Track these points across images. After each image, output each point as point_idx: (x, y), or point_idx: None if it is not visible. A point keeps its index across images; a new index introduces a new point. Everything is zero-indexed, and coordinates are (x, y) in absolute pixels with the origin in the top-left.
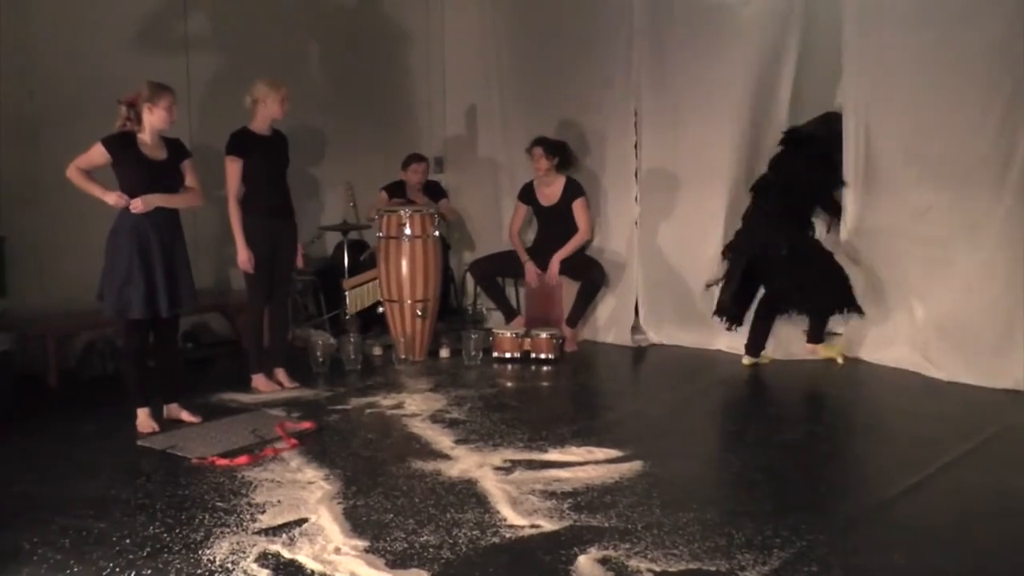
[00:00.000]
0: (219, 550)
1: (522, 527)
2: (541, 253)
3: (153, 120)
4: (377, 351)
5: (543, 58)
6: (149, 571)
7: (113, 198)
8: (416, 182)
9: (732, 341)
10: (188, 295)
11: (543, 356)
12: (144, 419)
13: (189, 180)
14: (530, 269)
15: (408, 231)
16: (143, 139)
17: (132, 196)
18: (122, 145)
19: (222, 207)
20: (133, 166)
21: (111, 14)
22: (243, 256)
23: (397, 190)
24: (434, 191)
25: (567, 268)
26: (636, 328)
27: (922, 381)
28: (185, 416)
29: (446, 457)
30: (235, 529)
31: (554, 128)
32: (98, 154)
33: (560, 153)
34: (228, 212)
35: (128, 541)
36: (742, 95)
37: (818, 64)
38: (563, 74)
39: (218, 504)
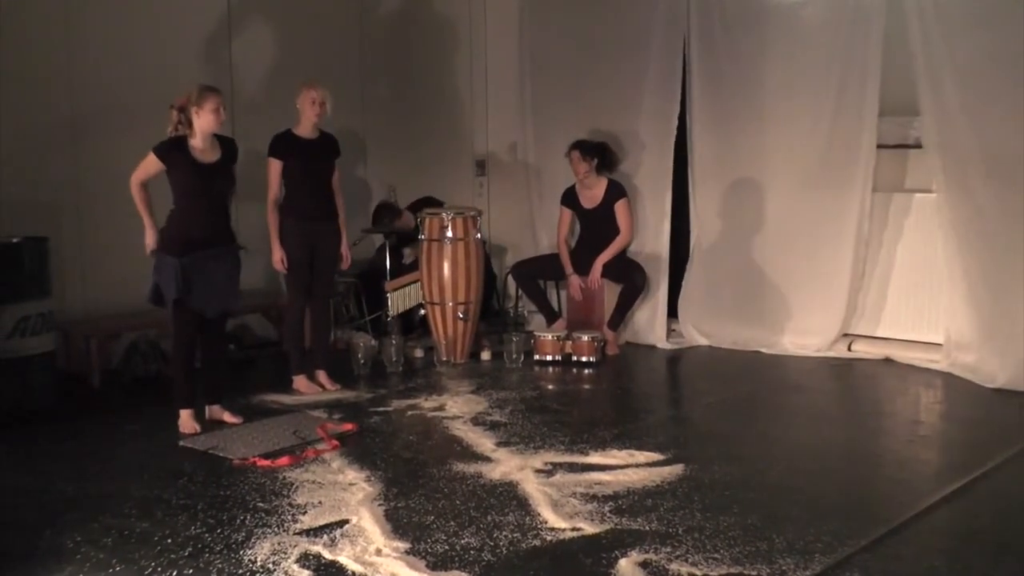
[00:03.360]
0: (260, 551)
1: (563, 530)
2: (584, 256)
3: (202, 123)
4: (419, 353)
5: (585, 60)
6: (191, 571)
7: (149, 243)
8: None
9: (772, 341)
10: (232, 299)
11: (584, 359)
12: (187, 420)
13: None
14: (574, 282)
15: (450, 233)
16: (194, 143)
17: (184, 200)
18: (173, 151)
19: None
20: (184, 170)
21: (154, 16)
22: (276, 256)
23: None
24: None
25: (609, 270)
26: (675, 330)
27: (966, 385)
28: (227, 417)
29: (487, 459)
30: (276, 530)
31: (595, 131)
32: (152, 164)
33: (599, 154)
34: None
35: (170, 541)
36: (805, 97)
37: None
38: (605, 76)
39: (259, 505)
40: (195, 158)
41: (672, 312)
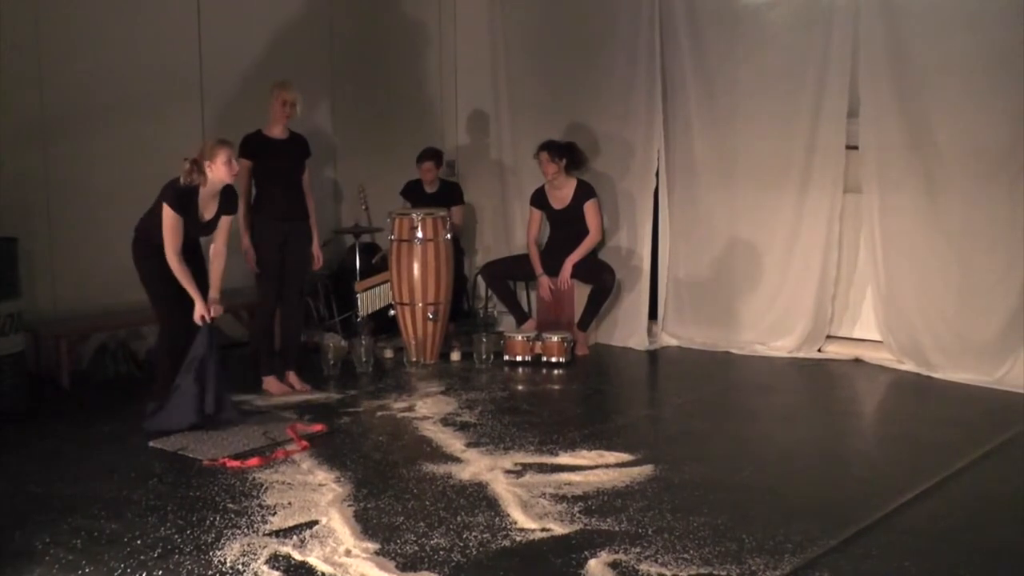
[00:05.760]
0: (230, 552)
1: (533, 530)
2: (554, 256)
3: (214, 175)
4: (388, 354)
5: (555, 59)
6: (160, 572)
7: (199, 311)
8: (429, 179)
9: (743, 342)
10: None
11: (554, 359)
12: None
13: (221, 241)
14: (543, 283)
15: (420, 234)
16: (204, 193)
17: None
18: (184, 204)
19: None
20: (185, 222)
21: (123, 16)
22: (248, 255)
23: (414, 189)
24: (448, 194)
25: (578, 271)
26: (649, 330)
27: (934, 385)
28: None
29: (457, 460)
30: (246, 531)
31: (566, 131)
32: (175, 221)
33: (567, 154)
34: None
35: (139, 542)
36: (772, 98)
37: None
38: (576, 76)
39: (229, 506)
40: (198, 215)
41: (649, 314)
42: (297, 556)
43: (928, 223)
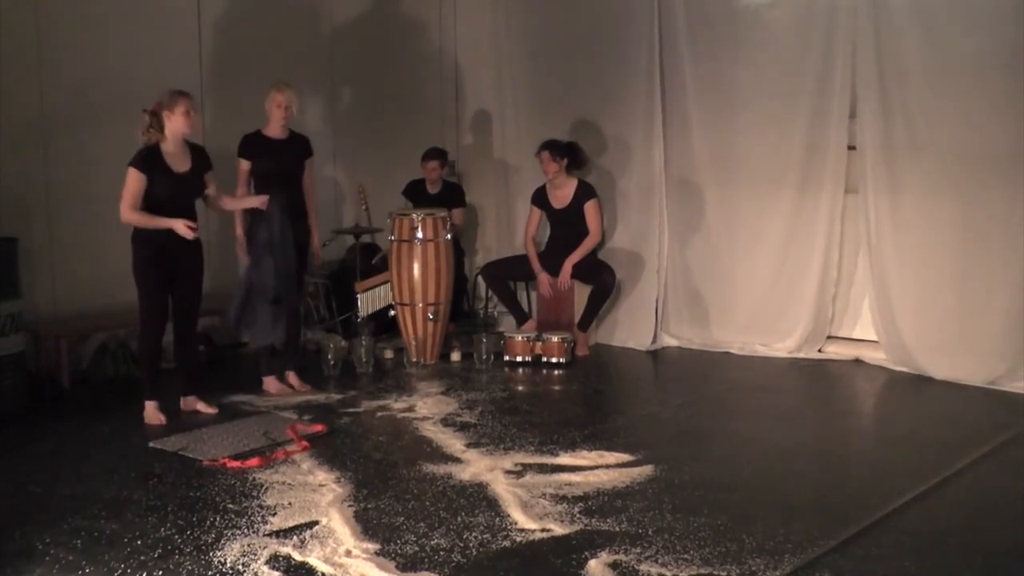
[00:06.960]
0: (230, 552)
1: (533, 531)
2: (554, 256)
3: (173, 127)
4: (388, 354)
5: (556, 60)
6: (160, 572)
7: (181, 227)
8: (433, 178)
9: (743, 342)
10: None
11: (554, 360)
12: (152, 411)
13: (213, 190)
14: (543, 280)
15: (420, 234)
16: (167, 149)
17: (158, 207)
18: (150, 163)
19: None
20: (160, 181)
21: (123, 17)
22: (243, 254)
23: (416, 189)
24: (450, 195)
25: (579, 271)
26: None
27: (934, 385)
28: (201, 407)
29: (457, 460)
30: (246, 531)
31: (568, 130)
32: (137, 181)
33: (569, 154)
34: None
35: (140, 542)
36: (772, 98)
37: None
38: (578, 76)
39: (229, 506)
40: (170, 167)
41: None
42: (297, 556)
43: (927, 223)
